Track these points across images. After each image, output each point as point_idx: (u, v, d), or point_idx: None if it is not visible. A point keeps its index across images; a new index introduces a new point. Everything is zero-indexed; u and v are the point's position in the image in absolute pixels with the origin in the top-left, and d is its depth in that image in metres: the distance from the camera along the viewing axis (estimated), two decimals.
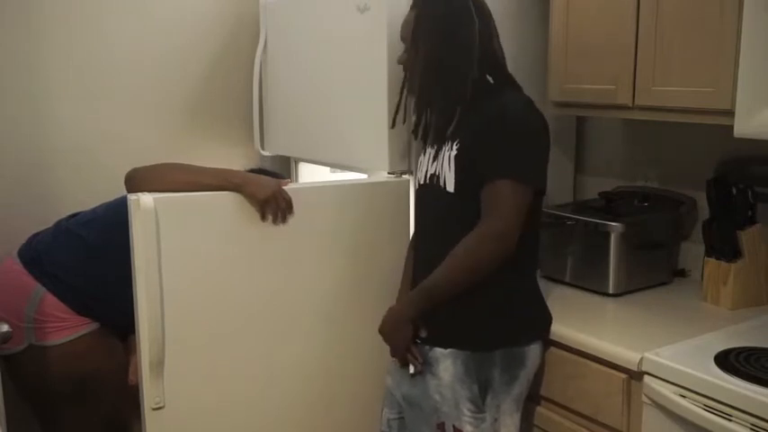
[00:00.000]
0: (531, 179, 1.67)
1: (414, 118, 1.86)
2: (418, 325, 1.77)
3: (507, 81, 1.77)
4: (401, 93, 1.89)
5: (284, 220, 1.87)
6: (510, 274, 1.71)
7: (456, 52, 1.71)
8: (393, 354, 1.80)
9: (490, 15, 1.76)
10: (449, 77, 1.72)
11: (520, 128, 1.67)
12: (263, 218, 1.85)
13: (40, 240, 2.11)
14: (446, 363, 1.72)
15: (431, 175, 1.78)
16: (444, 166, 1.73)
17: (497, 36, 1.77)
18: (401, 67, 1.84)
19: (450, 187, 1.71)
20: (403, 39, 1.82)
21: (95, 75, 2.48)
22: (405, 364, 1.79)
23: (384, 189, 2.04)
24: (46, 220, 2.19)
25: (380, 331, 1.78)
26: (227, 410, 1.89)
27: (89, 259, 2.04)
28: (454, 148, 1.71)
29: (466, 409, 1.71)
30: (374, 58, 2.05)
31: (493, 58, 1.75)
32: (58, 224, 2.14)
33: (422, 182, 1.83)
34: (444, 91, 1.73)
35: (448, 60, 1.71)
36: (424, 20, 1.74)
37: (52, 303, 2.00)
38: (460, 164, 1.70)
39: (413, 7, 1.78)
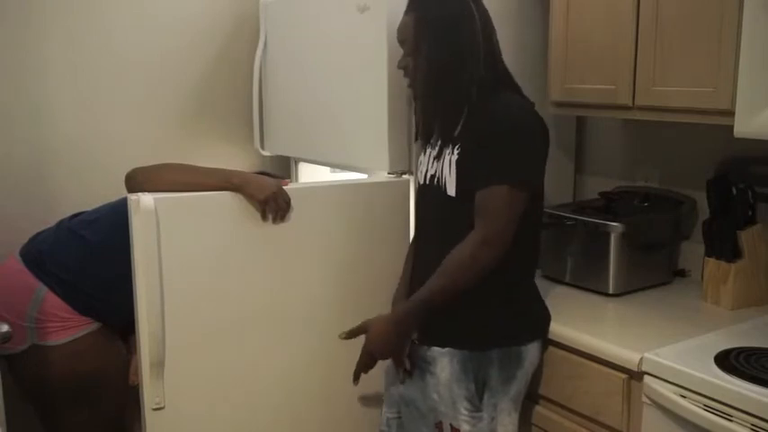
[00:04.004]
0: (527, 184, 1.66)
1: (418, 121, 1.85)
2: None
3: (507, 82, 1.77)
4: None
5: (284, 220, 1.87)
6: (508, 273, 1.71)
7: (459, 53, 1.69)
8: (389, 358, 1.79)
9: (488, 14, 1.75)
10: (454, 79, 1.70)
11: (516, 132, 1.66)
12: (264, 218, 1.85)
13: (41, 240, 2.11)
14: (443, 362, 1.72)
15: (431, 176, 1.78)
16: (445, 169, 1.72)
17: (495, 34, 1.77)
18: (401, 71, 1.81)
19: (452, 191, 1.71)
20: (401, 42, 1.79)
21: (95, 75, 2.48)
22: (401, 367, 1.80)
23: (384, 189, 2.04)
24: (47, 220, 2.19)
25: (369, 348, 1.73)
26: (227, 411, 1.89)
27: (91, 259, 2.04)
28: (455, 152, 1.70)
29: (463, 408, 1.71)
30: (374, 58, 2.05)
31: (492, 58, 1.75)
32: (60, 224, 2.14)
33: (421, 182, 1.83)
34: (450, 92, 1.71)
35: (452, 61, 1.69)
36: (424, 22, 1.71)
37: (54, 303, 2.00)
38: (462, 168, 1.69)
39: (410, 10, 1.75)
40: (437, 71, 1.71)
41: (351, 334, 1.77)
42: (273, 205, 1.85)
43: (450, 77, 1.70)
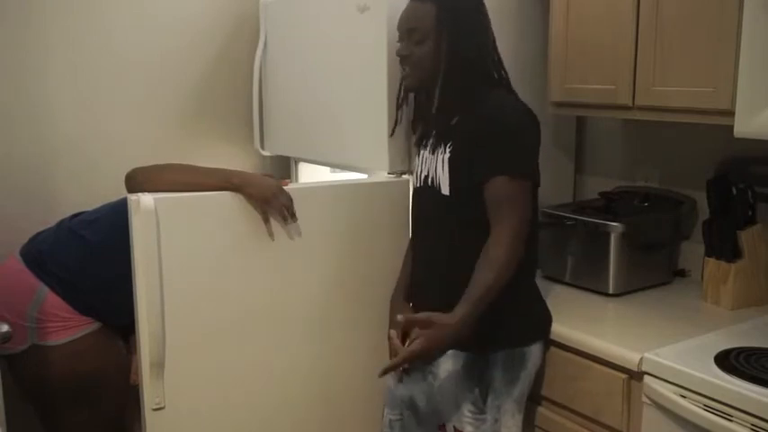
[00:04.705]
0: (528, 173, 1.67)
1: (416, 113, 1.86)
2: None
3: (501, 82, 1.78)
4: (397, 102, 1.90)
5: (285, 219, 1.87)
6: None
7: (476, 47, 1.71)
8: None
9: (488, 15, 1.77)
10: (470, 70, 1.71)
11: (509, 126, 1.67)
12: (264, 218, 1.85)
13: (42, 240, 2.11)
14: (447, 364, 1.72)
15: (425, 177, 1.78)
16: (438, 169, 1.73)
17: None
18: (401, 68, 1.81)
19: (446, 190, 1.71)
20: (410, 30, 1.75)
21: (95, 75, 2.48)
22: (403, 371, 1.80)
23: (384, 189, 2.04)
24: (47, 220, 2.19)
25: (425, 349, 1.55)
26: (227, 411, 1.89)
27: (91, 259, 2.04)
28: (447, 150, 1.71)
29: (467, 410, 1.71)
30: (374, 58, 2.04)
31: (499, 56, 1.77)
32: (60, 224, 2.14)
33: (417, 185, 1.83)
34: (462, 83, 1.71)
35: (468, 56, 1.70)
36: (446, 12, 1.70)
37: (55, 303, 2.00)
38: (454, 166, 1.70)
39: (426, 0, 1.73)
40: (456, 60, 1.70)
41: (408, 323, 1.61)
42: (274, 205, 1.84)
43: (462, 70, 1.70)
